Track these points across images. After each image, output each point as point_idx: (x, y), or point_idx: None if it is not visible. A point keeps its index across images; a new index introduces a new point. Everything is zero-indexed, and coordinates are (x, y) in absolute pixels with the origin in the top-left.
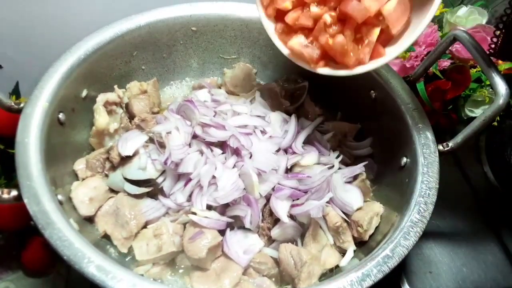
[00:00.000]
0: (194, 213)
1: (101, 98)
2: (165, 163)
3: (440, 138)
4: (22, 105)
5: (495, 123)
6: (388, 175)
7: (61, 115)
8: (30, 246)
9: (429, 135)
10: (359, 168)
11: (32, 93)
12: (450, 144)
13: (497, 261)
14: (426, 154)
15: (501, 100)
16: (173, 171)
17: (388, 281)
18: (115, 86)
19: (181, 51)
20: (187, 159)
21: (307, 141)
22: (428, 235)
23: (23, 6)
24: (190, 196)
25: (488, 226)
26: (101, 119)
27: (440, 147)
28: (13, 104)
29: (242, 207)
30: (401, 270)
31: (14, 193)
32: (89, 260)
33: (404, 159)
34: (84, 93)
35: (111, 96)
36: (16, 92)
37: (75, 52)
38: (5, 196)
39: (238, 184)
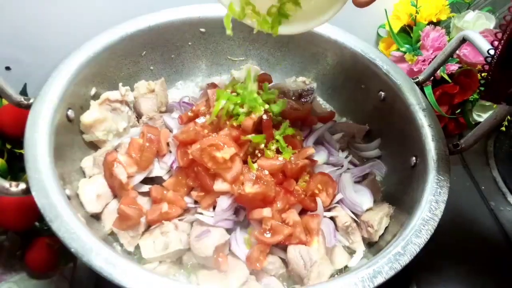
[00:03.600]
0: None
1: (103, 95)
2: (171, 166)
3: (448, 142)
4: (31, 101)
5: (503, 128)
6: (397, 175)
7: (69, 112)
8: (34, 247)
9: (439, 134)
10: (368, 167)
11: (42, 89)
12: (461, 143)
13: (510, 266)
14: (437, 153)
15: None
16: None
17: (397, 286)
18: (120, 84)
19: (189, 52)
20: None
21: (316, 141)
22: (437, 239)
23: (31, 8)
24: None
25: (497, 229)
26: (88, 113)
27: (451, 147)
28: (22, 99)
29: None
30: (411, 275)
31: (22, 186)
32: (97, 253)
33: (414, 159)
34: (93, 91)
35: (112, 94)
36: (24, 94)
37: (85, 50)
38: (14, 189)
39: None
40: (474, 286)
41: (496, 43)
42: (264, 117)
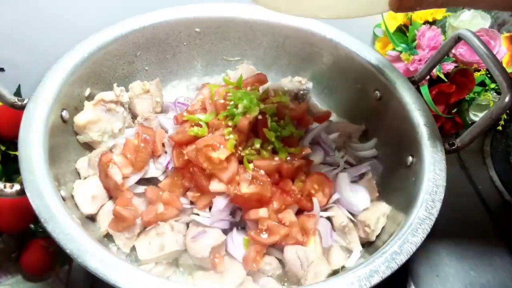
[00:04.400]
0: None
1: (97, 96)
2: (167, 167)
3: (445, 142)
4: (25, 101)
5: (500, 128)
6: (393, 175)
7: (64, 113)
8: (29, 249)
9: (435, 133)
10: (364, 167)
11: (36, 90)
12: (457, 143)
13: (505, 264)
14: (433, 152)
15: (507, 98)
16: None
17: (395, 285)
18: (114, 85)
19: (184, 52)
20: None
21: (313, 141)
22: (434, 238)
23: (26, 8)
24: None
25: (495, 229)
26: (81, 114)
27: (447, 146)
28: (16, 100)
29: None
30: (408, 274)
31: (16, 187)
32: (92, 254)
33: (410, 158)
34: (88, 92)
35: (107, 95)
36: (18, 95)
37: (79, 50)
38: (8, 190)
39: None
40: (472, 286)
41: None
42: (260, 117)
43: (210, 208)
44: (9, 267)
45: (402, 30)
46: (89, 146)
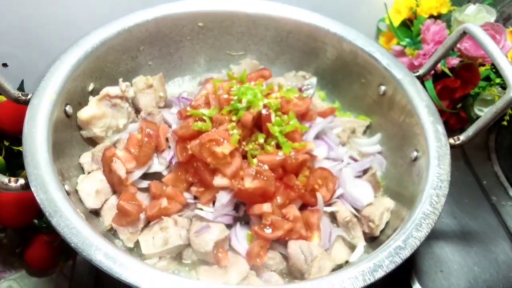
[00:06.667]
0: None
1: (103, 91)
2: (170, 162)
3: (449, 137)
4: (29, 96)
5: (505, 123)
6: (398, 170)
7: (68, 108)
8: (33, 245)
9: (440, 128)
10: (368, 162)
11: (39, 85)
12: (461, 137)
13: (509, 260)
14: (438, 147)
15: None
16: None
17: (398, 280)
18: (120, 80)
19: (188, 47)
20: None
21: (316, 136)
22: (438, 234)
23: (29, 3)
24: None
25: (499, 224)
26: (85, 109)
27: (451, 141)
28: (20, 95)
29: None
30: (412, 269)
31: (21, 181)
32: (96, 247)
33: (415, 153)
34: (91, 87)
35: (112, 90)
36: (21, 90)
37: (82, 45)
38: (13, 184)
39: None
40: (475, 281)
41: None
42: (264, 112)
43: (213, 203)
44: (13, 262)
45: (407, 25)
46: (92, 141)
